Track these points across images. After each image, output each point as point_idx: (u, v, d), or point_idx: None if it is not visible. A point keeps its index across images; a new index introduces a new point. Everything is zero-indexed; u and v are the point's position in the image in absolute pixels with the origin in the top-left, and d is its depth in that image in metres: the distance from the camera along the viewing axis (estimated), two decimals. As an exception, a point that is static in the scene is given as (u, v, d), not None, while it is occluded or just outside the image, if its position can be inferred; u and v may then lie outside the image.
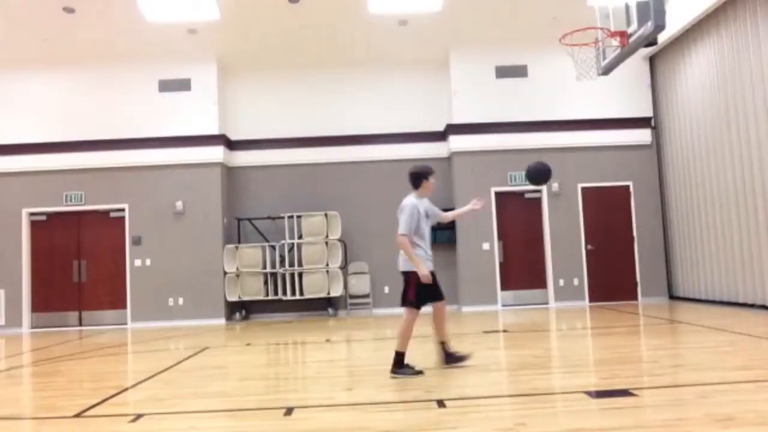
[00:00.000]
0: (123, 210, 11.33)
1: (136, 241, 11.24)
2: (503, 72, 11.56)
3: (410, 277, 4.92)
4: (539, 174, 5.28)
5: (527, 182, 5.44)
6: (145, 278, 11.15)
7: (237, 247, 11.21)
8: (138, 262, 11.21)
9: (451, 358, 5.13)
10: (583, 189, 11.41)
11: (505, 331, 7.91)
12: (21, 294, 11.10)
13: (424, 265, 4.87)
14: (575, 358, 5.55)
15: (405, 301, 4.98)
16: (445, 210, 12.08)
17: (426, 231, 5.08)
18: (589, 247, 11.32)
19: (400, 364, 4.86)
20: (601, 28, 7.19)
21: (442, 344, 5.18)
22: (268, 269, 11.23)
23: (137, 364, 6.56)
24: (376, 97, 12.02)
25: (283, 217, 11.43)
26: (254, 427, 3.65)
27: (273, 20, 10.44)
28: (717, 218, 9.73)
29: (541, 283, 11.40)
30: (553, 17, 10.58)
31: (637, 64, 11.43)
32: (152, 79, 11.48)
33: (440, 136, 11.84)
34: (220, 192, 11.33)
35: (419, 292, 4.91)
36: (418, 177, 5.13)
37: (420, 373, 4.82)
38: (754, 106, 8.68)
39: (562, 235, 11.30)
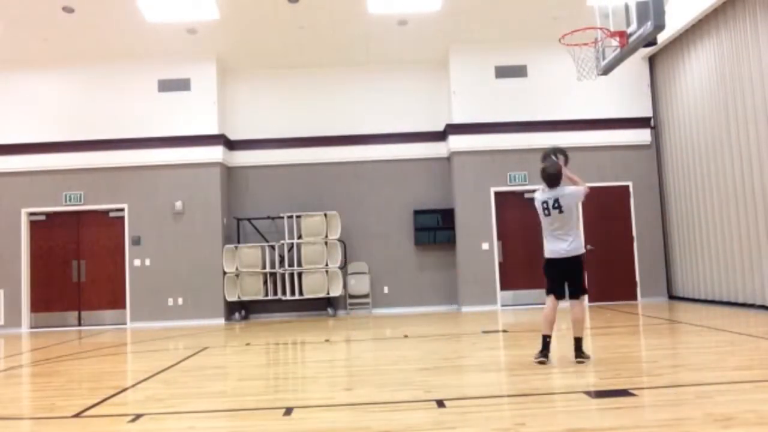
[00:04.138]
0: (122, 210, 11.32)
1: (136, 241, 11.23)
2: (503, 72, 11.55)
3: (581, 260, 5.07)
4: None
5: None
6: (144, 278, 11.14)
7: (236, 247, 11.20)
8: (137, 262, 11.20)
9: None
10: (583, 189, 11.38)
11: (504, 331, 7.91)
12: (20, 294, 11.09)
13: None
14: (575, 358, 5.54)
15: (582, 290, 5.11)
16: (446, 211, 12.08)
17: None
18: (588, 247, 11.31)
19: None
20: (601, 28, 7.18)
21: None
22: (268, 269, 11.22)
23: (136, 364, 6.55)
24: (375, 97, 12.02)
25: (282, 217, 11.43)
26: (254, 427, 3.65)
27: (273, 20, 10.44)
28: (717, 218, 9.73)
29: (541, 283, 11.33)
30: (553, 17, 10.58)
31: (636, 64, 11.43)
32: (152, 79, 11.47)
33: (440, 136, 11.84)
34: (220, 192, 11.32)
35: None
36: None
37: None
38: (753, 106, 8.68)
39: (562, 235, 11.27)
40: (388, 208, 11.82)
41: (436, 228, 11.68)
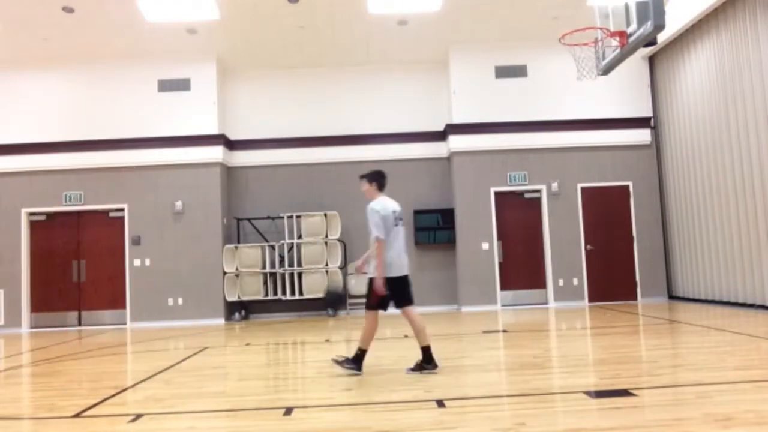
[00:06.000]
0: (122, 210, 11.32)
1: (136, 241, 11.23)
2: (503, 72, 11.56)
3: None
4: None
5: None
6: (144, 278, 11.15)
7: (236, 247, 11.20)
8: (137, 262, 11.20)
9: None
10: (583, 189, 11.41)
11: (504, 331, 7.91)
12: (20, 294, 11.09)
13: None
14: (575, 358, 5.55)
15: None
16: (446, 211, 12.02)
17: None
18: (588, 247, 11.32)
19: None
20: (601, 28, 7.19)
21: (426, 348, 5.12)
22: (268, 269, 11.22)
23: (136, 364, 6.55)
24: (375, 97, 12.02)
25: (282, 217, 11.44)
26: (253, 427, 3.65)
27: (273, 20, 10.44)
28: (717, 218, 9.73)
29: (541, 283, 11.40)
30: (553, 17, 10.59)
31: (636, 63, 11.44)
32: (152, 79, 11.48)
33: (440, 136, 11.84)
34: (220, 192, 11.32)
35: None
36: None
37: None
38: (753, 106, 8.68)
39: (562, 235, 11.30)
40: (388, 208, 11.79)
41: (436, 228, 11.68)
